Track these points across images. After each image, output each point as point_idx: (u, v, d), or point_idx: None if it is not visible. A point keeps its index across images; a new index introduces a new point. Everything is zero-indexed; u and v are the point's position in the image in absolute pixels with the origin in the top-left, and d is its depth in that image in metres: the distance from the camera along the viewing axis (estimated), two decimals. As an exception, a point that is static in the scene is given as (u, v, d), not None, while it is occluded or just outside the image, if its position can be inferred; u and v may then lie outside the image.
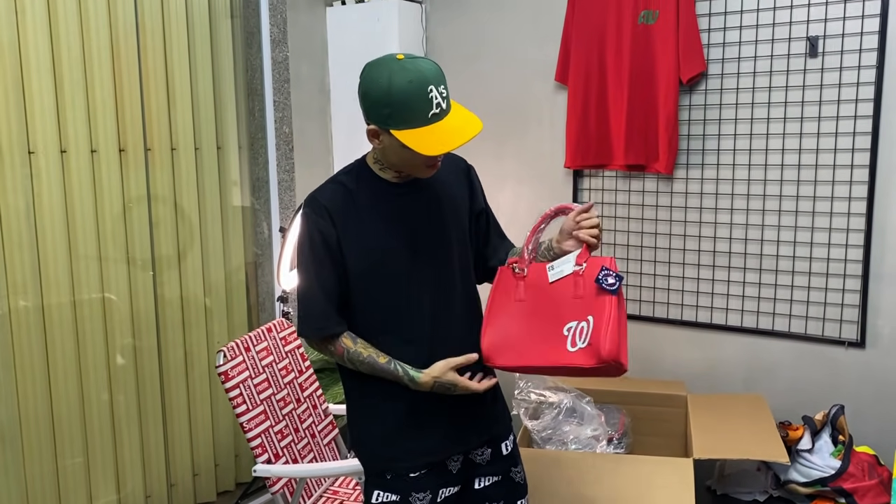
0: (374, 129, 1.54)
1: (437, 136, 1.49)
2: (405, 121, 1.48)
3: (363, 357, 1.62)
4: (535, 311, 1.63)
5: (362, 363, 1.63)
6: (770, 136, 2.70)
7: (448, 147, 1.49)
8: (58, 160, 2.59)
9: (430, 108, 1.48)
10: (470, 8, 3.28)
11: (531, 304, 1.65)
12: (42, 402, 2.60)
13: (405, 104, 1.47)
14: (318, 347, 1.68)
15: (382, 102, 1.48)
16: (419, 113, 1.48)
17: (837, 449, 2.41)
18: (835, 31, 2.54)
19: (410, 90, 1.46)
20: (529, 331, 1.62)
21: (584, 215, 1.65)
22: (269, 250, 3.30)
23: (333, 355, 1.66)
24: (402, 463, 1.68)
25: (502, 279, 1.72)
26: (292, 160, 3.27)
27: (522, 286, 1.68)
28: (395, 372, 1.62)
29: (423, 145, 1.48)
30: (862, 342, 2.62)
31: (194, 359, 3.07)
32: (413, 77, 1.47)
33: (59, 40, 2.55)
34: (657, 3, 2.75)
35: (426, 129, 1.49)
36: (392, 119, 1.49)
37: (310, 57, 3.34)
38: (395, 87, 1.46)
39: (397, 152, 1.56)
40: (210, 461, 3.16)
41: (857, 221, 2.58)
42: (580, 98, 2.95)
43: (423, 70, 1.49)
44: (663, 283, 2.98)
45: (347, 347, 1.63)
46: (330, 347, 1.65)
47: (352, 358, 1.63)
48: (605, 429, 2.60)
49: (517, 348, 1.62)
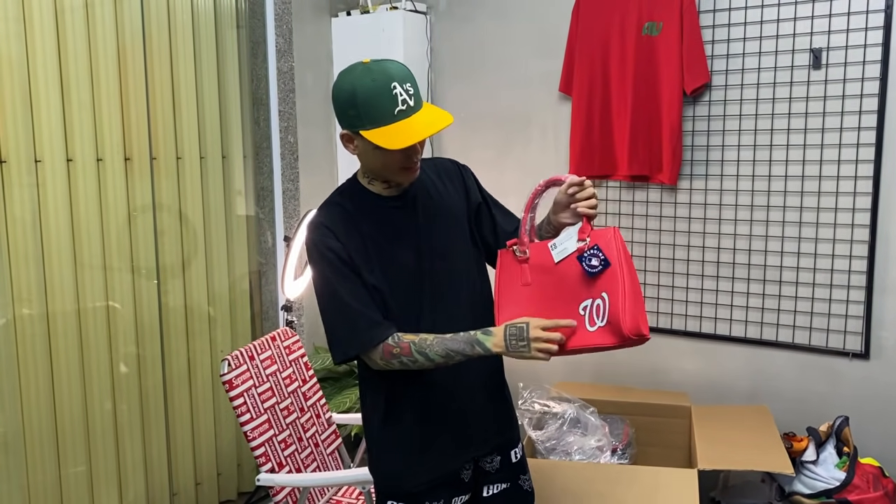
0: (347, 133, 1.55)
1: (404, 130, 1.48)
2: (371, 120, 1.48)
3: (430, 340, 1.55)
4: (545, 294, 1.60)
5: (431, 347, 1.54)
6: (774, 147, 2.70)
7: (413, 139, 1.47)
8: (64, 169, 2.60)
9: (395, 104, 1.48)
10: (474, 19, 3.29)
11: (540, 287, 1.61)
12: (45, 410, 2.60)
13: (369, 103, 1.47)
14: (380, 358, 1.58)
15: (348, 104, 1.49)
16: (384, 110, 1.48)
17: (842, 461, 2.41)
18: (838, 43, 2.55)
19: (373, 88, 1.47)
20: (544, 315, 1.55)
21: (578, 188, 1.59)
22: (273, 259, 3.30)
23: (400, 357, 1.56)
24: (418, 479, 1.67)
25: (505, 263, 1.68)
26: (297, 170, 3.28)
27: (527, 269, 1.64)
28: (467, 335, 1.54)
29: (389, 140, 1.47)
30: (866, 353, 2.61)
31: (197, 368, 3.07)
32: (376, 76, 1.48)
33: (66, 49, 2.57)
34: (661, 14, 2.76)
35: (393, 126, 1.48)
36: (359, 120, 1.50)
37: (315, 67, 3.35)
38: (358, 88, 1.48)
39: (371, 155, 1.56)
40: (213, 470, 3.15)
41: (861, 233, 2.58)
42: (584, 109, 2.96)
43: (387, 69, 1.50)
44: (667, 293, 2.98)
45: (412, 340, 1.55)
46: (394, 350, 1.55)
47: (420, 347, 1.55)
48: (609, 439, 2.59)
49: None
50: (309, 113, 3.33)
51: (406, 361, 1.56)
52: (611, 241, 1.54)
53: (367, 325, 1.56)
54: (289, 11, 3.18)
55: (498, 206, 1.83)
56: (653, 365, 3.02)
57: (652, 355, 3.02)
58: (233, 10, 3.11)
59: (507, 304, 1.64)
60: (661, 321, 3.00)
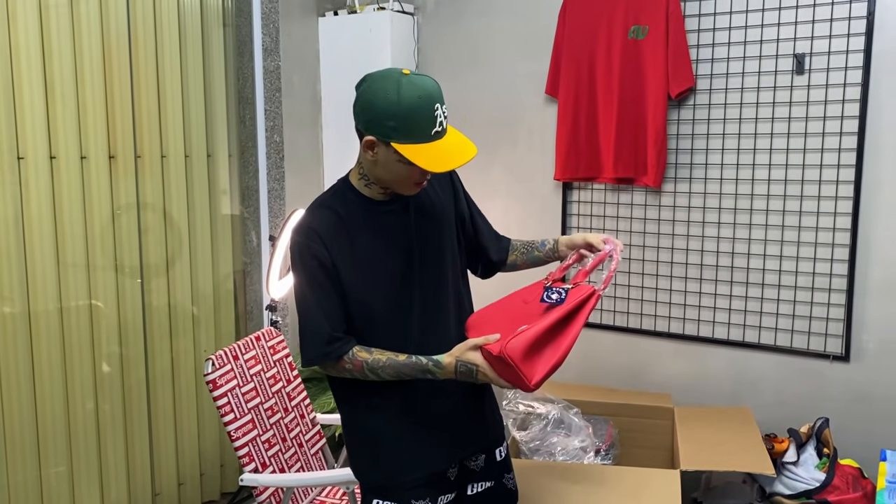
0: (372, 140, 1.53)
1: (438, 153, 1.50)
2: (408, 135, 1.49)
3: (383, 362, 1.59)
4: (516, 307, 1.70)
5: (384, 368, 1.59)
6: (757, 151, 2.73)
7: (451, 165, 1.51)
8: (47, 166, 2.58)
9: (434, 125, 1.50)
10: (462, 20, 3.30)
11: (520, 302, 1.72)
12: (27, 410, 2.58)
13: (412, 118, 1.48)
14: (335, 370, 1.64)
15: (389, 114, 1.48)
16: (423, 129, 1.49)
17: (822, 462, 2.43)
18: (821, 49, 2.58)
19: (419, 105, 1.48)
20: (500, 320, 1.66)
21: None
22: (257, 259, 3.29)
23: (353, 373, 1.62)
24: (403, 477, 1.68)
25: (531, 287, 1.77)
26: (283, 169, 3.27)
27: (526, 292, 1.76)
28: (419, 363, 1.59)
29: (424, 160, 1.48)
30: (846, 356, 2.64)
31: (181, 367, 3.05)
32: (422, 93, 1.48)
33: (50, 46, 2.55)
34: (647, 18, 2.78)
35: (427, 145, 1.50)
36: (396, 132, 1.49)
37: (301, 67, 3.35)
38: (404, 101, 1.47)
39: (391, 167, 1.55)
40: (195, 470, 3.13)
41: (843, 236, 2.61)
42: (570, 111, 2.97)
43: (430, 88, 1.51)
44: (650, 295, 3.00)
45: (365, 359, 1.59)
46: (347, 366, 1.61)
47: (373, 367, 1.59)
48: (593, 440, 2.61)
49: (482, 330, 1.66)
50: (295, 112, 3.32)
51: (357, 376, 1.62)
52: (584, 296, 1.60)
53: (325, 340, 1.59)
54: (276, 10, 3.17)
55: (485, 224, 1.88)
56: (636, 366, 3.04)
57: (635, 356, 3.04)
58: (219, 8, 3.10)
59: (497, 304, 1.77)
60: (645, 322, 3.02)
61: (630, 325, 3.05)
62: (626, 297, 3.04)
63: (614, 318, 3.08)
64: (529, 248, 1.87)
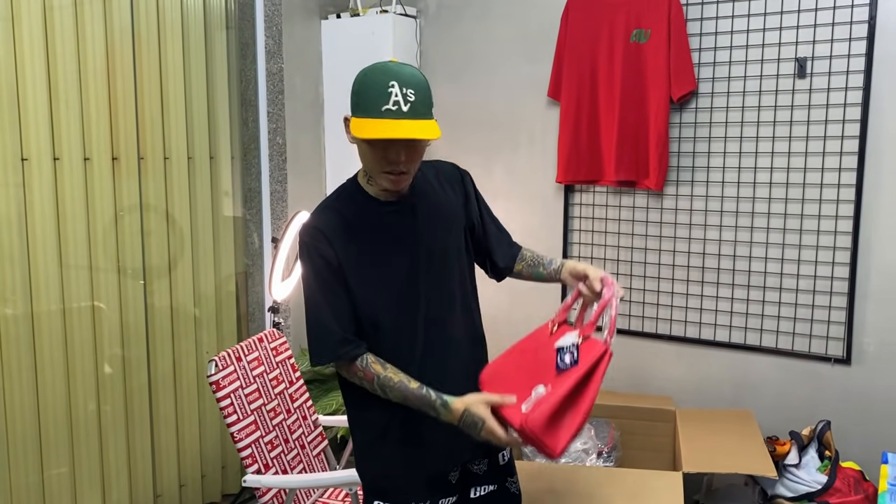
0: (345, 116, 1.57)
1: (380, 126, 1.47)
2: (361, 108, 1.50)
3: (394, 382, 1.57)
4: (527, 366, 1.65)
5: (392, 389, 1.57)
6: (759, 154, 2.74)
7: (377, 134, 1.45)
8: (50, 168, 2.58)
9: (385, 102, 1.46)
10: (464, 23, 3.31)
11: (532, 357, 1.67)
12: (29, 411, 2.58)
13: (364, 91, 1.49)
14: (346, 372, 1.63)
15: (352, 89, 1.52)
16: (373, 103, 1.47)
17: (824, 464, 2.44)
18: (823, 53, 2.59)
19: (372, 78, 1.49)
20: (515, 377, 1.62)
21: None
22: (259, 261, 3.30)
23: (362, 382, 1.61)
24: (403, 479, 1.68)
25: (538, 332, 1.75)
26: (285, 171, 3.28)
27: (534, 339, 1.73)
28: (428, 398, 1.56)
29: (360, 129, 1.48)
30: (847, 359, 2.65)
31: (183, 369, 3.05)
32: (384, 70, 1.49)
33: (54, 48, 2.55)
34: (649, 22, 2.79)
35: (375, 120, 1.47)
36: (354, 107, 1.52)
37: (304, 69, 3.35)
38: (364, 76, 1.51)
39: (359, 148, 1.57)
40: (197, 472, 3.13)
41: (844, 240, 2.61)
42: (572, 114, 2.98)
43: (399, 71, 1.50)
44: (652, 298, 3.01)
45: (377, 373, 1.58)
46: (358, 374, 1.60)
47: (383, 384, 1.58)
48: (595, 442, 2.61)
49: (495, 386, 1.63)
50: (298, 115, 3.33)
51: (366, 386, 1.61)
52: (598, 356, 1.56)
53: (337, 341, 1.59)
54: (278, 13, 3.18)
55: (498, 229, 1.86)
56: (638, 369, 3.05)
57: (637, 359, 3.05)
58: (222, 10, 3.11)
59: (512, 350, 1.73)
60: (647, 325, 3.03)
61: (632, 328, 3.06)
62: (628, 299, 3.05)
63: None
64: (536, 263, 1.85)
